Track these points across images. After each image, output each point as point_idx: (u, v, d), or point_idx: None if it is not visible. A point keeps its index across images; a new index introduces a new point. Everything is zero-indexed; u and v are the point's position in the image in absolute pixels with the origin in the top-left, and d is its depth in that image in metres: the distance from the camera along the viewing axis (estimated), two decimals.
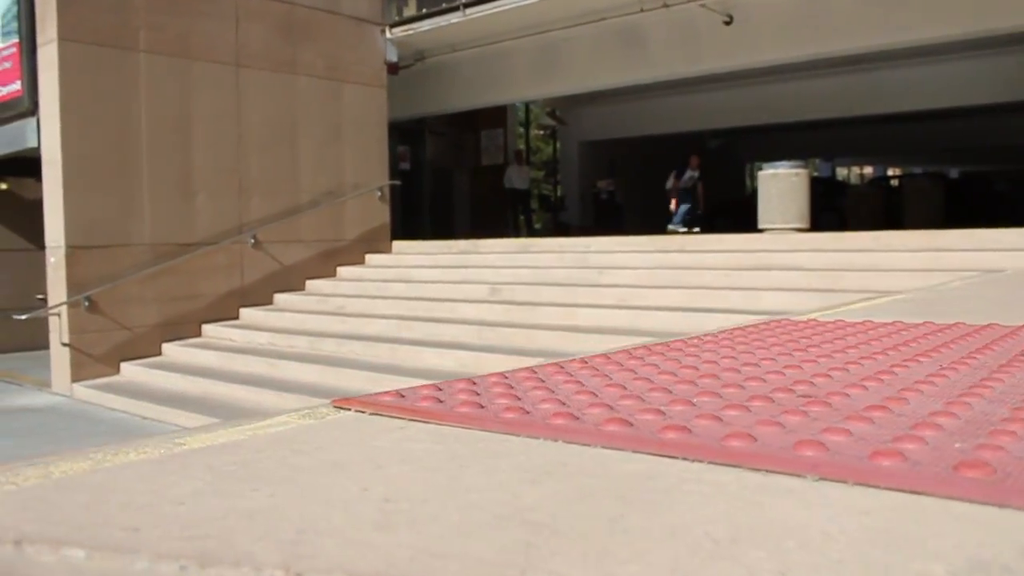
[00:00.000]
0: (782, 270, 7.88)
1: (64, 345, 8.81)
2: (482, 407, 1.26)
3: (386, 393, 1.28)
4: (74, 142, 8.80)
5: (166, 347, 9.32)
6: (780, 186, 9.40)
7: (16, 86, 9.59)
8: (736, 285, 7.75)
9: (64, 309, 8.77)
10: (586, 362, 1.76)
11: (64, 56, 8.75)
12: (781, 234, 9.02)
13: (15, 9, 9.50)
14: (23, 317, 8.91)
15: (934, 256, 7.34)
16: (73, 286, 8.78)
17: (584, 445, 1.07)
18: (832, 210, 16.14)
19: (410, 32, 11.81)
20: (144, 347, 9.16)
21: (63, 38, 8.76)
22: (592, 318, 7.73)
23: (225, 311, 9.80)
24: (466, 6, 11.19)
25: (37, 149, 9.31)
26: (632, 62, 11.93)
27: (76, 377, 8.78)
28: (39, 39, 9.11)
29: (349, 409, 1.29)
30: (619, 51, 11.93)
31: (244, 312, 9.88)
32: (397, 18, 12.13)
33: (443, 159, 16.18)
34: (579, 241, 10.26)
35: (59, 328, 8.85)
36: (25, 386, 9.39)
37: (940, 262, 7.09)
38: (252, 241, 9.82)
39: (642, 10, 10.76)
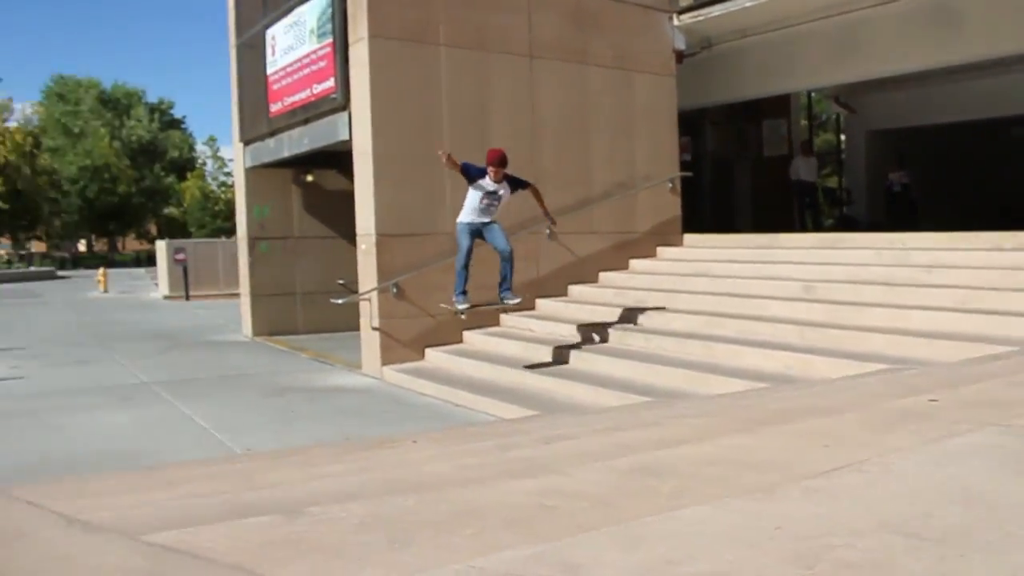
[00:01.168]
0: None
1: (375, 329, 9.20)
2: None
3: None
4: (383, 135, 9.16)
5: (467, 335, 9.50)
6: None
7: (330, 83, 10.14)
8: None
9: (375, 295, 9.15)
10: None
11: (374, 52, 9.14)
12: None
13: (329, 11, 10.03)
14: (340, 302, 9.38)
15: None
16: (382, 273, 9.15)
17: None
18: None
19: (699, 18, 11.38)
20: (446, 334, 9.39)
21: (373, 35, 9.14)
22: (928, 322, 6.97)
23: (523, 301, 9.84)
24: None
25: (347, 142, 9.79)
26: (944, 42, 10.77)
27: (385, 360, 9.15)
28: (350, 38, 9.57)
29: None
30: (928, 30, 10.83)
31: (540, 303, 9.91)
32: (685, 4, 11.72)
33: (723, 150, 15.60)
34: (892, 237, 9.39)
35: (370, 313, 9.26)
36: (336, 367, 9.93)
37: None
38: (548, 232, 9.81)
39: None
